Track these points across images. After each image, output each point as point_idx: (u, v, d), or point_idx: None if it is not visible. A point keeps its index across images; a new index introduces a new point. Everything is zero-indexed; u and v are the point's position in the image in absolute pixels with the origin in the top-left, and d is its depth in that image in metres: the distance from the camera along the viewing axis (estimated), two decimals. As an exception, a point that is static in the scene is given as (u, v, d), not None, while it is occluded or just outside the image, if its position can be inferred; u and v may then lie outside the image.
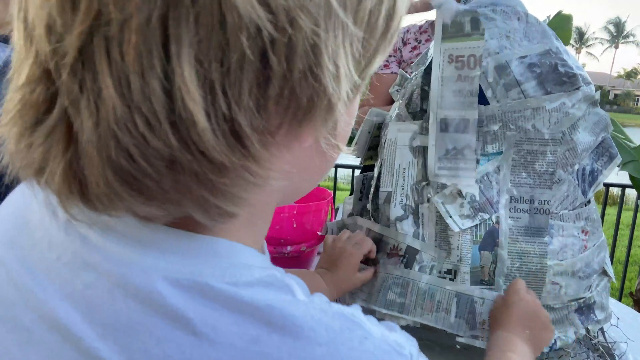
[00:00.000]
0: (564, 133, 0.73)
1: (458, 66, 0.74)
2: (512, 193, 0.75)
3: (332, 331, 0.30)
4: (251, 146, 0.27)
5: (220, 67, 0.25)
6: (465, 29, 0.75)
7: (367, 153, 0.98)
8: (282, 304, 0.29)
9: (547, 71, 0.73)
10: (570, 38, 2.72)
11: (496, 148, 0.75)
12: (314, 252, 1.14)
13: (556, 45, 0.76)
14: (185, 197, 0.28)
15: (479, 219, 0.74)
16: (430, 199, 0.77)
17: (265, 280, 0.31)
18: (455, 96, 0.74)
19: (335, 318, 0.30)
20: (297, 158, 0.34)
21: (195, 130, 0.25)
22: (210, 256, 0.31)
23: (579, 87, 0.74)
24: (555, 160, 0.74)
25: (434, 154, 0.76)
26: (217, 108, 0.25)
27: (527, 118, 0.73)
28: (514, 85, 0.74)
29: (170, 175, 0.27)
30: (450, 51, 0.75)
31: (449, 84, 0.75)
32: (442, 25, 0.75)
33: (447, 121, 0.75)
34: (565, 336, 0.73)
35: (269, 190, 0.33)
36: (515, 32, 0.77)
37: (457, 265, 0.75)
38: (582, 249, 0.76)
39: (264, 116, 0.27)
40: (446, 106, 0.75)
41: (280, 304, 0.29)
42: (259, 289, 0.30)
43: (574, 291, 0.75)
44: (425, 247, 0.77)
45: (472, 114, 0.74)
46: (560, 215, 0.74)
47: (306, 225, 1.07)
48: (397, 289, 0.77)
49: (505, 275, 0.73)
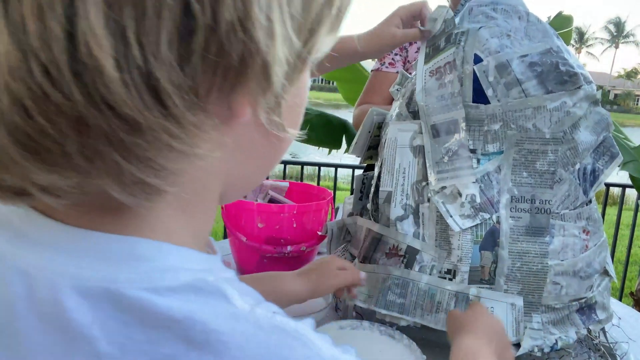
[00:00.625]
0: (565, 132, 0.73)
1: (437, 77, 0.79)
2: (513, 192, 0.74)
3: (265, 348, 0.26)
4: (173, 107, 0.24)
5: (133, 11, 0.22)
6: (440, 46, 0.80)
7: (368, 152, 0.98)
8: (207, 315, 0.26)
9: (548, 70, 0.73)
10: (570, 39, 2.73)
11: (497, 147, 0.75)
12: (314, 252, 1.14)
13: (557, 44, 0.76)
14: (95, 164, 0.24)
15: (479, 218, 0.74)
16: (431, 198, 0.77)
17: (193, 285, 0.27)
18: (439, 101, 0.78)
19: (274, 333, 0.27)
20: (237, 134, 0.30)
21: (102, 81, 0.22)
22: (129, 259, 0.27)
23: (580, 86, 0.73)
24: (556, 159, 0.73)
25: (431, 159, 0.78)
26: (129, 59, 0.22)
27: (528, 117, 0.73)
28: (514, 84, 0.73)
29: (75, 136, 0.23)
30: (430, 69, 0.80)
31: (432, 93, 0.79)
32: (424, 54, 0.82)
33: (437, 127, 0.78)
34: (566, 336, 0.73)
35: (204, 168, 0.29)
36: (516, 31, 0.77)
37: (457, 265, 0.74)
38: (583, 248, 0.76)
39: (188, 73, 0.24)
40: (433, 113, 0.78)
41: (205, 315, 0.26)
42: (181, 296, 0.26)
43: (575, 291, 0.75)
44: (425, 247, 0.77)
45: (459, 113, 0.76)
46: (561, 214, 0.74)
47: (306, 225, 1.06)
48: (397, 290, 0.77)
49: (506, 275, 0.73)
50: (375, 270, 0.81)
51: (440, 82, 0.79)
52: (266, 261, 1.06)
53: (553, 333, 0.73)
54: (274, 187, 1.22)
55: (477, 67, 0.75)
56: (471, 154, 0.76)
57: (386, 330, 0.75)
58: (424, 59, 0.83)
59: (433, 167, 0.78)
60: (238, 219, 1.06)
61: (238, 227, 1.06)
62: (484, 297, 0.73)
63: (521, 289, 0.73)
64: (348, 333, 0.75)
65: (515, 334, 0.71)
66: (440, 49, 0.81)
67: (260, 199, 1.21)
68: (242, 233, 1.05)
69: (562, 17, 2.66)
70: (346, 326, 0.76)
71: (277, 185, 1.23)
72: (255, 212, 1.04)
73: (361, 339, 0.74)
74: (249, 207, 1.05)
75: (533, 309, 0.73)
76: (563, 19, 2.65)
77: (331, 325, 0.76)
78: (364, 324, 0.77)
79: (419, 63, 0.84)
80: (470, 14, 0.79)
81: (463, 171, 0.76)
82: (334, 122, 2.73)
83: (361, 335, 0.75)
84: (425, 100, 0.79)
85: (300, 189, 1.27)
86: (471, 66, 0.75)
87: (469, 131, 0.76)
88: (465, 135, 0.76)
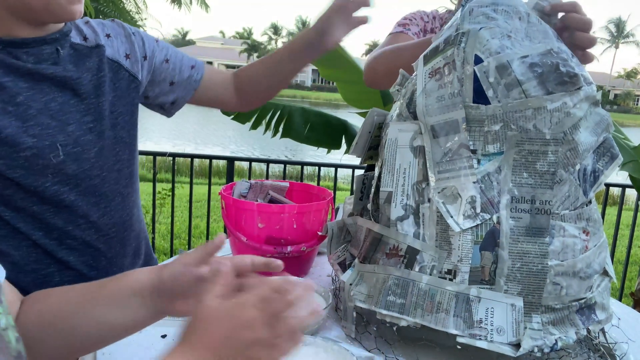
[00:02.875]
0: (565, 133, 0.73)
1: (437, 78, 0.79)
2: (513, 193, 0.74)
3: None
4: None
5: None
6: (440, 47, 0.81)
7: (368, 153, 0.98)
8: None
9: (548, 71, 0.73)
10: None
11: (497, 148, 0.75)
12: (314, 252, 1.14)
13: (557, 45, 0.76)
14: None
15: (479, 219, 0.74)
16: (431, 199, 0.77)
17: None
18: (438, 102, 0.78)
19: None
20: None
21: None
22: None
23: (580, 87, 0.74)
24: (557, 160, 0.73)
25: (431, 160, 0.78)
26: None
27: (528, 118, 0.73)
28: (515, 85, 0.74)
29: None
30: (429, 70, 0.81)
31: (432, 94, 0.79)
32: (423, 55, 0.83)
33: (436, 127, 0.78)
34: (566, 336, 0.73)
35: None
36: (516, 31, 0.77)
37: (457, 265, 0.75)
38: (583, 249, 0.76)
39: None
40: (432, 114, 0.79)
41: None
42: None
43: (575, 291, 0.75)
44: (425, 247, 0.77)
45: (459, 114, 0.76)
46: (561, 215, 0.74)
47: (306, 226, 1.07)
48: (398, 290, 0.77)
49: (506, 275, 0.73)
50: (375, 270, 0.81)
51: (440, 83, 0.79)
52: (266, 261, 1.06)
53: (553, 333, 0.73)
54: (274, 187, 1.22)
55: (477, 67, 0.75)
56: (472, 154, 0.76)
57: (339, 349, 0.71)
58: (423, 61, 0.83)
59: (433, 168, 0.78)
60: (238, 219, 1.06)
61: (238, 227, 1.06)
62: (484, 298, 0.73)
63: (521, 290, 0.73)
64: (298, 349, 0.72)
65: (515, 334, 0.72)
66: (439, 50, 0.81)
67: (260, 199, 1.21)
68: (243, 233, 1.05)
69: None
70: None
71: (277, 186, 1.23)
72: (256, 212, 1.04)
73: (311, 356, 0.70)
74: (249, 207, 1.05)
75: (533, 309, 0.73)
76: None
77: None
78: (316, 340, 0.73)
79: (419, 64, 0.84)
80: (470, 15, 0.79)
81: (463, 172, 0.76)
82: (333, 122, 2.73)
83: (313, 352, 0.71)
84: (425, 102, 0.80)
85: (301, 189, 1.27)
86: (472, 67, 0.75)
87: (469, 132, 0.76)
88: (466, 135, 0.76)
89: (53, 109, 0.80)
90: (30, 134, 0.77)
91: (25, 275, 0.83)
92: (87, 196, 0.85)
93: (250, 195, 1.19)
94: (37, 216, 0.81)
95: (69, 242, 0.85)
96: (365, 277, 0.83)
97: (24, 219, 0.81)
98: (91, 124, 0.84)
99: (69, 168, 0.82)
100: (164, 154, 2.87)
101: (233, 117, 2.67)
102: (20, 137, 0.76)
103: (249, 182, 1.19)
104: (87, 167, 0.84)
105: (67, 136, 0.81)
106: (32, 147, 0.77)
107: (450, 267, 0.75)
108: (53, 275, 0.85)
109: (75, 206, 0.84)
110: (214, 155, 3.30)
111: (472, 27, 0.77)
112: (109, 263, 0.91)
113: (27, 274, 0.83)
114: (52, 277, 0.85)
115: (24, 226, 0.81)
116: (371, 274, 0.82)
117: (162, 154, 2.89)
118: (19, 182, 0.78)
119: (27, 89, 0.77)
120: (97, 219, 0.87)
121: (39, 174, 0.79)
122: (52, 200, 0.81)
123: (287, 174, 3.11)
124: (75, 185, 0.83)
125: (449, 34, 0.80)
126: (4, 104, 0.75)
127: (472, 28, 0.77)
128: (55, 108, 0.80)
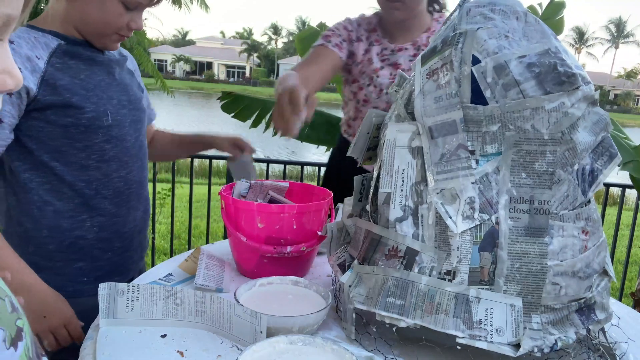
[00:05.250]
0: (563, 133, 0.73)
1: (435, 78, 0.80)
2: (512, 193, 0.74)
3: None
4: None
5: None
6: (437, 48, 0.81)
7: (367, 154, 0.98)
8: None
9: (546, 71, 0.73)
10: (563, 25, 2.69)
11: (495, 148, 0.75)
12: (314, 252, 1.14)
13: (555, 44, 0.76)
14: None
15: (478, 219, 0.74)
16: (430, 199, 0.77)
17: None
18: (436, 102, 0.78)
19: None
20: None
21: None
22: None
23: (578, 86, 0.74)
24: (555, 160, 0.73)
25: (430, 161, 0.78)
26: None
27: (526, 118, 0.73)
28: (513, 85, 0.74)
29: None
30: (426, 70, 0.81)
31: (430, 95, 0.80)
32: (420, 56, 0.85)
33: (434, 128, 0.78)
34: (565, 336, 0.73)
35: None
36: (514, 31, 0.77)
37: (457, 266, 0.75)
38: (583, 249, 0.76)
39: None
40: (430, 115, 0.79)
41: None
42: None
43: (574, 291, 0.75)
44: (424, 248, 0.77)
45: (457, 114, 0.76)
46: (560, 215, 0.74)
47: (306, 226, 1.07)
48: (397, 291, 0.77)
49: (505, 275, 0.73)
50: (374, 271, 0.81)
51: (438, 84, 0.79)
52: (266, 261, 1.06)
53: (552, 333, 0.73)
54: (274, 187, 1.23)
55: (475, 68, 0.75)
56: (470, 155, 0.76)
57: (338, 349, 0.71)
58: (421, 61, 0.83)
59: (432, 168, 0.78)
60: (238, 219, 1.06)
61: (238, 227, 1.07)
62: (484, 298, 0.73)
63: (520, 290, 0.73)
64: (298, 348, 0.72)
65: (514, 334, 0.72)
66: (437, 50, 0.81)
67: (260, 199, 1.21)
68: (242, 233, 1.05)
69: (554, 4, 2.63)
70: (297, 341, 0.72)
71: (277, 186, 1.23)
72: (255, 212, 1.04)
73: (310, 356, 0.70)
74: (249, 207, 1.05)
75: (532, 309, 0.73)
76: (555, 6, 2.63)
77: (280, 338, 0.72)
78: (316, 340, 0.73)
79: (416, 65, 0.84)
80: (468, 15, 0.80)
81: (462, 172, 0.76)
82: (333, 121, 2.74)
83: (312, 351, 0.71)
84: (423, 102, 0.80)
85: (300, 189, 1.27)
86: (469, 67, 0.76)
87: (467, 132, 0.76)
88: (464, 136, 0.76)
89: (103, 86, 1.10)
90: (91, 102, 1.06)
91: (64, 221, 1.09)
92: (121, 155, 1.13)
93: (250, 195, 1.19)
94: (83, 169, 1.08)
95: (104, 192, 1.12)
96: (364, 278, 0.83)
97: (71, 172, 1.07)
98: (125, 102, 1.15)
99: (113, 130, 1.10)
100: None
101: (233, 115, 2.67)
102: (84, 102, 1.04)
103: (249, 182, 1.19)
104: (124, 132, 1.13)
105: (113, 107, 1.10)
106: (92, 110, 1.06)
107: (450, 267, 0.75)
108: (85, 221, 1.11)
109: (113, 161, 1.12)
110: (214, 156, 3.29)
111: (470, 27, 0.77)
112: (127, 212, 1.18)
113: (65, 220, 1.09)
114: (84, 222, 1.11)
115: (71, 178, 1.07)
116: (370, 275, 0.82)
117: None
118: (77, 139, 1.05)
119: (85, 70, 1.07)
120: (125, 174, 1.15)
121: (92, 132, 1.07)
122: (98, 155, 1.09)
123: (287, 174, 3.11)
124: (115, 145, 1.11)
125: (447, 35, 0.80)
126: (72, 78, 1.04)
127: (469, 28, 0.77)
128: (104, 86, 1.10)
